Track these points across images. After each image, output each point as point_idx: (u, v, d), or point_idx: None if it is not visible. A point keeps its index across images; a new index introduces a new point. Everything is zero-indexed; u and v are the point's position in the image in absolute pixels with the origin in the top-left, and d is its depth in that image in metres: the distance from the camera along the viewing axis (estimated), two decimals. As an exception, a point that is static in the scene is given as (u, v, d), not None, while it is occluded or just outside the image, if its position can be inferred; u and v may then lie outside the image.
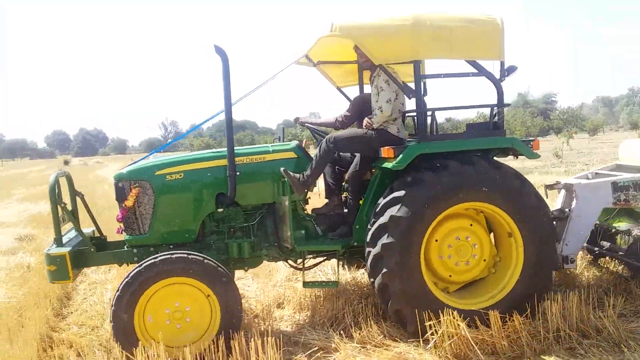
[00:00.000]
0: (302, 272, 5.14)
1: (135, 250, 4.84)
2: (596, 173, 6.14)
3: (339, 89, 6.12)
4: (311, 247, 5.04)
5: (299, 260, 5.31)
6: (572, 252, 5.31)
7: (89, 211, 5.12)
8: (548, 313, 4.55)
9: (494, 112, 4.95)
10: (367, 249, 4.63)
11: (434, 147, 4.69)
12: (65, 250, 4.48)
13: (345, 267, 6.16)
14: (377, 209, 4.61)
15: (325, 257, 5.31)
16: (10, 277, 7.07)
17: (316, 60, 5.72)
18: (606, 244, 5.78)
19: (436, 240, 4.76)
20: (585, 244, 5.90)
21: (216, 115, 5.06)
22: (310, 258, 5.33)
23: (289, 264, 5.34)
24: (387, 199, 4.57)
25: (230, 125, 4.80)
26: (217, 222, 5.01)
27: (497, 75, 4.85)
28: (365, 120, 4.96)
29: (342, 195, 5.42)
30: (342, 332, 4.77)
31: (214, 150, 5.23)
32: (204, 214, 4.88)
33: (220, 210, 4.91)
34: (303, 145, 5.46)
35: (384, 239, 4.47)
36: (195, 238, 4.93)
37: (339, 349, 4.44)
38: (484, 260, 4.88)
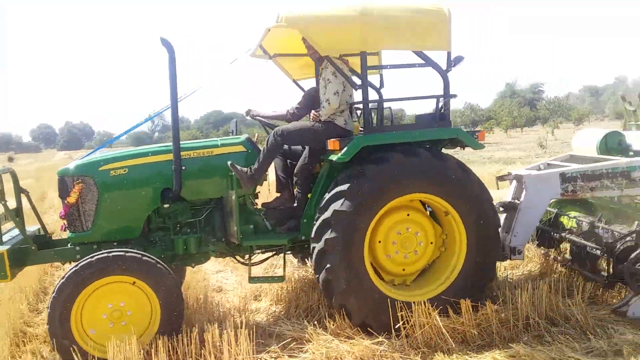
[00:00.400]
0: (249, 267, 5.08)
1: (78, 248, 4.75)
2: (548, 164, 6.15)
3: (295, 81, 6.06)
4: (257, 242, 5.00)
5: (248, 256, 5.25)
6: (520, 244, 5.30)
7: (34, 209, 5.04)
8: (518, 301, 4.59)
9: (441, 103, 4.93)
10: (312, 245, 4.61)
11: (379, 139, 4.66)
12: (3, 249, 4.39)
13: (307, 260, 6.14)
14: (322, 204, 4.59)
15: (274, 252, 5.26)
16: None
17: (272, 52, 5.66)
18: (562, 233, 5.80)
19: (379, 242, 4.75)
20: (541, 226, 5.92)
21: (164, 109, 4.99)
22: (259, 253, 5.29)
23: (237, 260, 5.29)
24: (331, 193, 4.55)
25: (176, 118, 4.74)
26: (163, 218, 4.93)
27: (444, 66, 4.84)
28: (313, 113, 4.93)
29: (294, 189, 5.39)
30: (316, 323, 4.75)
31: (160, 144, 5.15)
32: (149, 210, 4.82)
33: (166, 205, 4.84)
34: (255, 138, 5.43)
35: (328, 234, 4.45)
36: (141, 234, 4.86)
37: (312, 340, 4.43)
38: (431, 243, 4.87)
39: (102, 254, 4.23)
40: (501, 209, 5.49)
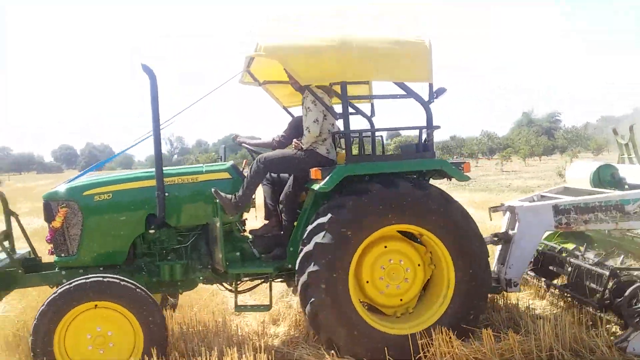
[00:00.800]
0: (235, 295, 5.08)
1: (64, 272, 4.79)
2: (542, 195, 6.10)
3: (285, 108, 6.14)
4: (243, 269, 4.99)
5: (235, 284, 5.23)
6: (516, 276, 5.25)
7: (23, 231, 5.12)
8: (541, 332, 4.53)
9: (425, 134, 4.95)
10: (297, 277, 4.60)
11: (361, 168, 4.68)
12: None
13: None
14: (304, 236, 4.59)
15: (262, 280, 5.24)
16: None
17: (261, 79, 5.75)
18: (553, 269, 5.75)
19: (367, 282, 4.74)
20: (533, 273, 5.88)
21: (147, 137, 5.07)
22: (246, 280, 5.28)
23: (224, 287, 5.29)
24: (313, 225, 4.55)
25: (159, 144, 4.80)
26: (148, 243, 4.96)
27: (427, 97, 4.87)
28: (294, 141, 4.98)
29: (281, 217, 5.41)
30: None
31: (144, 170, 5.22)
32: (133, 235, 4.86)
33: (151, 231, 4.88)
34: (243, 165, 5.48)
35: (311, 267, 4.44)
36: (127, 260, 4.89)
37: None
38: (419, 265, 4.82)
39: (79, 280, 4.27)
40: (495, 239, 5.46)
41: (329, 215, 4.47)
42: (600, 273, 4.96)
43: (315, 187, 4.65)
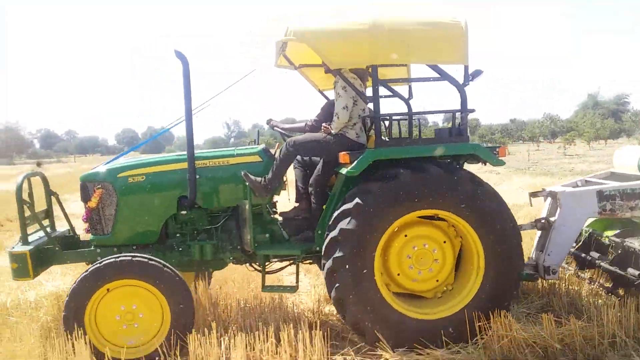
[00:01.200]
0: (262, 275, 5.13)
1: (99, 250, 4.97)
2: (586, 181, 5.80)
3: (321, 92, 6.08)
4: (271, 251, 5.03)
5: (263, 264, 5.28)
6: (555, 263, 5.07)
7: (63, 210, 5.32)
8: (604, 318, 4.40)
9: (459, 118, 4.77)
10: (322, 262, 4.58)
11: (389, 153, 4.58)
12: (26, 249, 4.67)
13: None
14: (330, 221, 4.56)
15: (290, 262, 5.27)
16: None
17: (297, 63, 5.71)
18: (595, 255, 5.48)
19: (398, 274, 4.72)
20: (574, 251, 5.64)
21: (178, 122, 5.15)
22: (275, 262, 5.32)
23: (253, 267, 5.35)
24: (339, 211, 4.51)
25: (191, 127, 4.86)
26: (180, 224, 5.06)
27: (462, 80, 4.69)
28: (323, 126, 4.93)
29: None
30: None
31: (177, 153, 5.31)
32: (165, 216, 4.97)
33: (183, 212, 4.98)
34: (276, 148, 5.49)
35: (336, 253, 4.41)
36: (159, 239, 5.02)
37: (386, 349, 4.39)
38: (444, 242, 4.74)
39: (110, 258, 4.41)
40: (535, 225, 5.26)
41: (355, 200, 4.41)
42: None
43: (344, 171, 4.60)
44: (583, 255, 5.64)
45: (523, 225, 5.34)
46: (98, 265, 4.37)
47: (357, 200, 4.41)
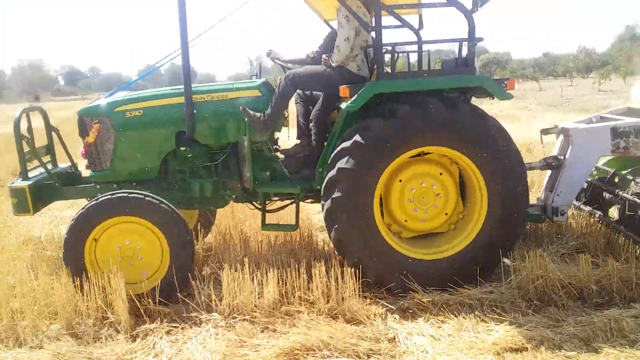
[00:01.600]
0: (262, 214, 5.06)
1: (98, 186, 4.93)
2: (601, 117, 5.50)
3: (326, 22, 5.80)
4: (270, 188, 4.94)
5: (263, 203, 5.18)
6: (564, 204, 4.91)
7: (64, 146, 5.28)
8: None
9: (466, 48, 4.50)
10: (322, 202, 4.49)
11: (390, 86, 4.37)
12: (25, 184, 4.65)
13: None
14: (330, 160, 4.43)
15: (292, 200, 5.19)
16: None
17: None
18: (608, 195, 5.24)
19: (406, 221, 4.60)
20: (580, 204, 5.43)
21: (173, 55, 4.97)
22: (277, 200, 5.25)
23: (254, 206, 5.29)
24: (337, 149, 4.36)
25: (187, 60, 4.69)
26: (180, 160, 4.97)
27: (469, 6, 4.40)
28: (323, 57, 4.70)
29: (313, 137, 5.23)
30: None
31: (174, 87, 5.15)
32: (164, 151, 4.88)
33: (183, 148, 4.88)
34: (278, 82, 5.30)
35: (335, 193, 4.31)
36: (159, 176, 4.95)
37: (417, 289, 4.37)
38: (440, 174, 4.60)
39: (105, 195, 4.37)
40: (545, 164, 5.07)
41: (354, 138, 4.26)
42: None
43: (343, 105, 4.42)
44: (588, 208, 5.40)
45: (532, 164, 5.14)
46: (94, 202, 4.34)
47: (355, 137, 4.25)
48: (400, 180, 4.54)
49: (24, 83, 69.68)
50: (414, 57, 5.46)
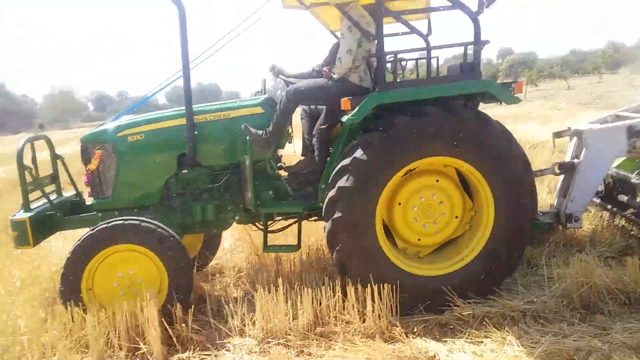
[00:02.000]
0: (264, 235, 4.85)
1: (100, 215, 4.81)
2: (617, 115, 5.20)
3: (332, 32, 5.66)
4: (271, 209, 4.78)
5: (265, 223, 4.96)
6: (578, 210, 4.68)
7: (69, 174, 5.21)
8: None
9: (474, 51, 4.30)
10: (324, 223, 4.31)
11: (391, 96, 4.18)
12: (25, 216, 4.55)
13: None
14: (330, 179, 4.26)
15: (295, 220, 5.00)
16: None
17: (308, 2, 5.27)
18: (624, 198, 4.96)
19: (399, 204, 4.36)
20: (598, 200, 5.14)
21: (176, 78, 4.88)
22: (280, 220, 5.07)
23: (256, 227, 5.11)
24: (337, 167, 4.19)
25: (188, 81, 4.59)
26: (182, 183, 4.84)
27: (475, 8, 4.20)
28: (324, 69, 4.56)
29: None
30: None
31: (175, 108, 5.04)
32: (166, 175, 4.77)
33: (184, 171, 4.76)
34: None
35: (336, 214, 4.14)
36: (162, 201, 4.83)
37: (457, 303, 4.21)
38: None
39: (101, 225, 4.26)
40: (558, 170, 4.81)
41: (353, 155, 4.09)
42: None
43: (345, 119, 4.25)
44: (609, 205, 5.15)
45: (544, 170, 4.89)
46: (91, 232, 4.23)
47: (355, 154, 4.08)
48: (400, 203, 4.36)
49: (55, 111, 71.51)
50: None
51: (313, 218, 5.06)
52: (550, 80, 48.01)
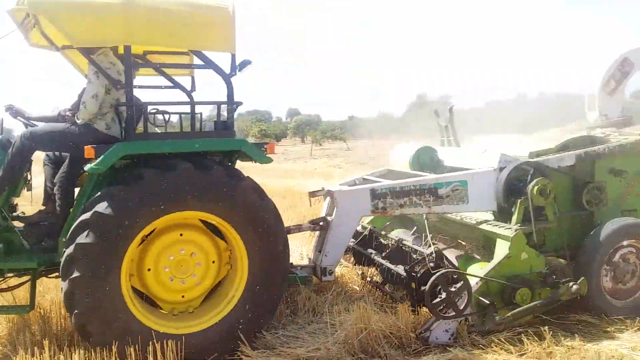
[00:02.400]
0: None
1: None
2: (364, 179, 5.83)
3: (86, 76, 5.24)
4: (1, 264, 4.20)
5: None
6: (331, 264, 4.97)
7: None
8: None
9: (227, 110, 4.42)
10: (61, 283, 3.91)
11: (140, 147, 4.03)
12: None
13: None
14: (68, 236, 3.90)
15: (30, 277, 4.41)
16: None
17: (60, 43, 4.86)
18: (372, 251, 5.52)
19: (149, 270, 4.15)
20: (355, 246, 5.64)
21: None
22: (13, 276, 4.48)
23: None
24: (77, 221, 3.86)
25: None
26: None
27: (229, 70, 4.32)
28: (66, 112, 4.25)
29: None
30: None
31: None
32: None
33: None
34: None
35: (74, 273, 3.77)
36: None
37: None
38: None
39: None
40: (312, 226, 5.11)
41: (94, 209, 3.80)
42: (400, 273, 4.84)
43: (87, 167, 3.96)
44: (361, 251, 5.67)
45: (302, 226, 5.17)
46: None
47: (96, 207, 3.80)
48: (150, 269, 4.15)
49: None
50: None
51: (53, 275, 4.58)
52: (332, 140, 52.42)
